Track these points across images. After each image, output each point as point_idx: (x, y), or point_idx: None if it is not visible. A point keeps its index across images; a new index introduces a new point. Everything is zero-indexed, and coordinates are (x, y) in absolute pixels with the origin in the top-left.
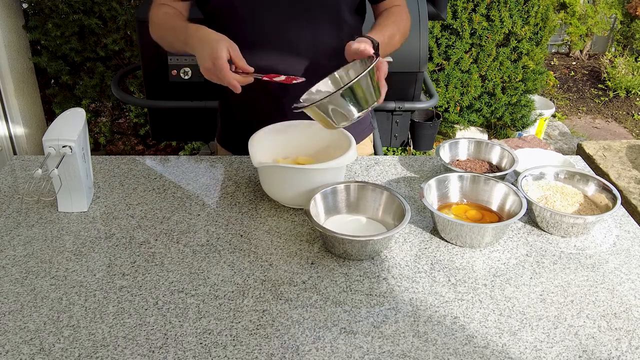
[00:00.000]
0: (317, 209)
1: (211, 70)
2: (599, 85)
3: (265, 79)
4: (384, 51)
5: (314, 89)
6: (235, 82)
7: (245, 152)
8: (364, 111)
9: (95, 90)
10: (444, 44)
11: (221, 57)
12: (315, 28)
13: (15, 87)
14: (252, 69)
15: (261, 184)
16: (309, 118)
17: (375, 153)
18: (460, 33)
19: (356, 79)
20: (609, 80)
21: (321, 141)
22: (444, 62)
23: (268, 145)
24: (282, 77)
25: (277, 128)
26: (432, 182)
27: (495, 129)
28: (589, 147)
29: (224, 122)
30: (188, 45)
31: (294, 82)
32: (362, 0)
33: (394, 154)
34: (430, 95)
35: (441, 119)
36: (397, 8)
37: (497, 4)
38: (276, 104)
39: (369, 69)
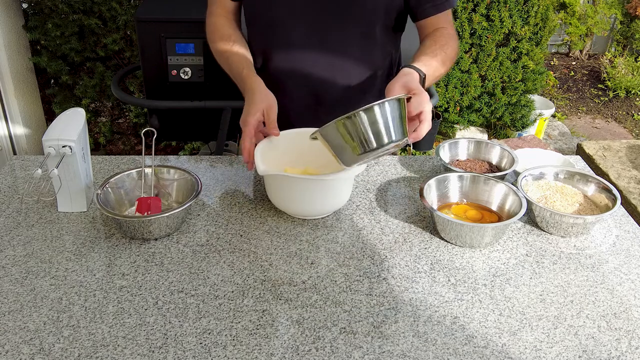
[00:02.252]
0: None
1: (242, 126)
2: (599, 85)
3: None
4: (428, 82)
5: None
6: (246, 152)
7: None
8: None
9: (95, 90)
10: None
11: (249, 124)
12: (344, 40)
13: (15, 87)
14: (277, 133)
15: (267, 194)
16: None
17: None
18: (460, 33)
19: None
20: (609, 80)
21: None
22: None
23: (275, 153)
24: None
25: (285, 135)
26: (432, 182)
27: (495, 129)
28: (589, 147)
29: None
30: (243, 93)
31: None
32: (399, 17)
33: (394, 154)
34: (430, 95)
35: (441, 119)
36: (443, 32)
37: (497, 4)
38: (308, 110)
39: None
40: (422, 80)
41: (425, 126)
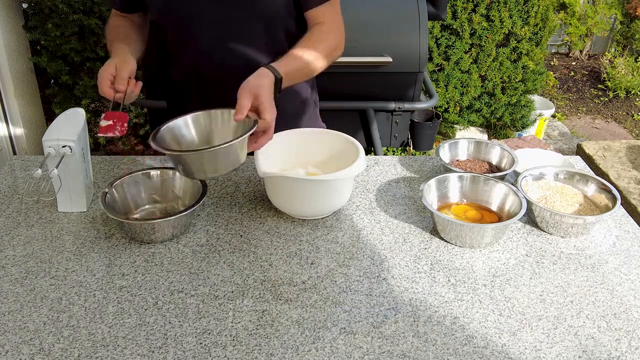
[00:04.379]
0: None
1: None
2: (599, 86)
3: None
4: (292, 81)
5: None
6: (110, 95)
7: None
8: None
9: (95, 90)
10: (444, 44)
11: (101, 75)
12: (248, 32)
13: (15, 87)
14: (123, 89)
15: (267, 195)
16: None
17: (375, 153)
18: (460, 33)
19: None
20: (609, 80)
21: (330, 150)
22: (443, 62)
23: (275, 153)
24: (113, 128)
25: (285, 136)
26: (432, 182)
27: (495, 129)
28: (589, 148)
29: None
30: None
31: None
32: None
33: (393, 154)
34: (430, 96)
35: (441, 119)
36: (322, 28)
37: (497, 4)
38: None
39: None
40: (279, 82)
41: (265, 139)
